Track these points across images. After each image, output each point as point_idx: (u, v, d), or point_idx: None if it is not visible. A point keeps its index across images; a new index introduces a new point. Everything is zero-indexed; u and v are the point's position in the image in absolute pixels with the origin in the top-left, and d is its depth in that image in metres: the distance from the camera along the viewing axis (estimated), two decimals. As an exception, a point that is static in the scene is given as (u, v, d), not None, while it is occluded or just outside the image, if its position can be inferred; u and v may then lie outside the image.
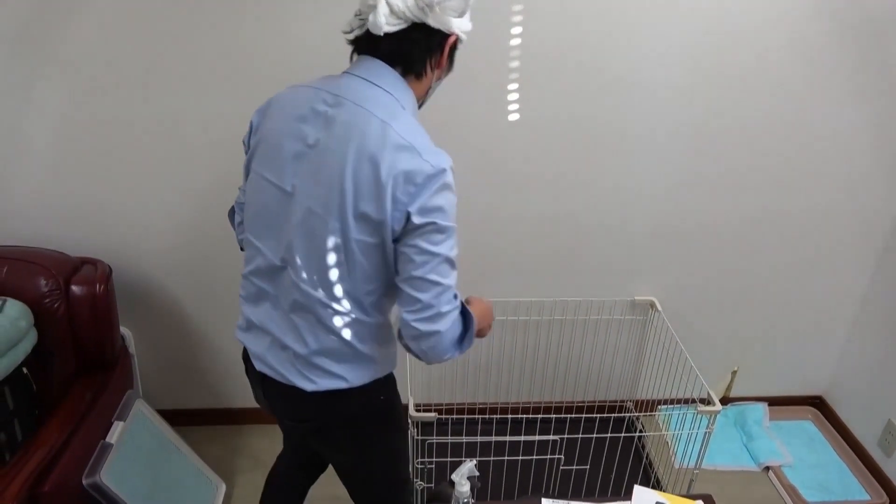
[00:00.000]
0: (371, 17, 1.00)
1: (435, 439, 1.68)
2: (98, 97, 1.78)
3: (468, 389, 2.33)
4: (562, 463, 1.77)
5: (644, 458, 2.18)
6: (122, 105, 1.79)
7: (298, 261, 1.08)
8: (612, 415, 2.24)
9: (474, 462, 1.07)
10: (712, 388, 1.85)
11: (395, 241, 1.03)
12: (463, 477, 1.06)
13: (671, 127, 1.95)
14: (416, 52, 1.07)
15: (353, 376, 1.17)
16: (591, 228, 2.10)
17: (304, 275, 1.08)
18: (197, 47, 1.74)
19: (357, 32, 1.07)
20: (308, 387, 1.15)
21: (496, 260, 2.13)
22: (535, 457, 1.73)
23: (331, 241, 1.04)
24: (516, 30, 1.77)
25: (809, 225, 2.15)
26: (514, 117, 1.89)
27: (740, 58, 1.85)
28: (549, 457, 1.75)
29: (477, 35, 1.77)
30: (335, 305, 1.10)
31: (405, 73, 1.08)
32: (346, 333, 1.13)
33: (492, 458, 1.06)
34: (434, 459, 1.74)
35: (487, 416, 2.00)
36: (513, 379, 2.32)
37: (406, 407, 1.99)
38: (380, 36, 1.02)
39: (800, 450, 2.33)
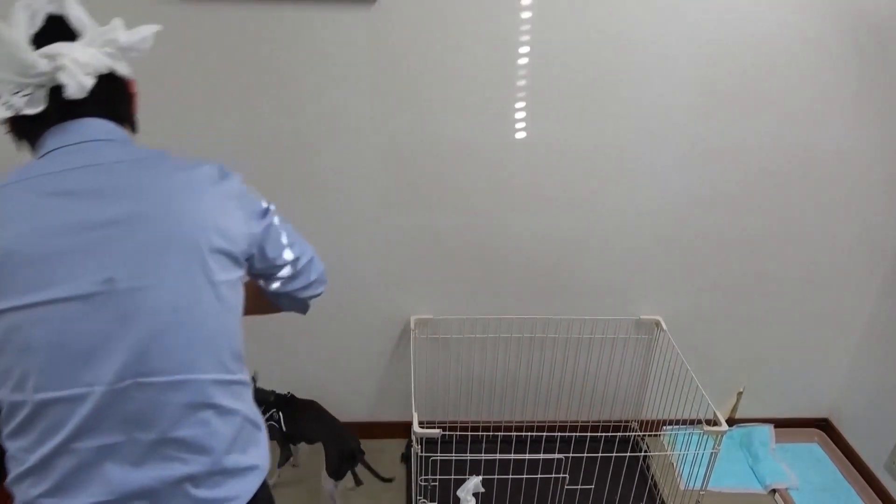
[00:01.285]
0: (65, 80, 0.87)
1: (439, 456, 1.67)
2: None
3: (471, 408, 2.32)
4: (566, 482, 1.76)
5: (649, 479, 2.16)
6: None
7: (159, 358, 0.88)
8: (617, 434, 2.23)
9: (480, 479, 1.07)
10: (718, 408, 1.84)
11: None
12: (469, 493, 1.06)
13: (677, 147, 1.96)
14: (121, 104, 0.98)
15: (262, 458, 1.03)
16: (597, 247, 2.10)
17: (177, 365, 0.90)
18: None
19: (30, 109, 0.87)
20: None
21: (501, 276, 2.13)
22: (539, 476, 1.72)
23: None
24: (524, 49, 1.80)
25: (815, 246, 2.15)
26: (520, 135, 1.91)
27: (748, 78, 1.87)
28: (553, 475, 1.73)
29: (485, 52, 1.80)
30: (227, 375, 0.96)
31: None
32: (245, 405, 1.00)
33: (496, 477, 1.05)
34: (438, 477, 1.73)
35: (492, 434, 1.99)
36: (517, 397, 2.31)
37: (410, 423, 1.99)
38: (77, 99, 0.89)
39: (806, 472, 2.31)
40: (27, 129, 0.91)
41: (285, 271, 1.13)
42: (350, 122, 1.87)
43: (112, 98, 0.95)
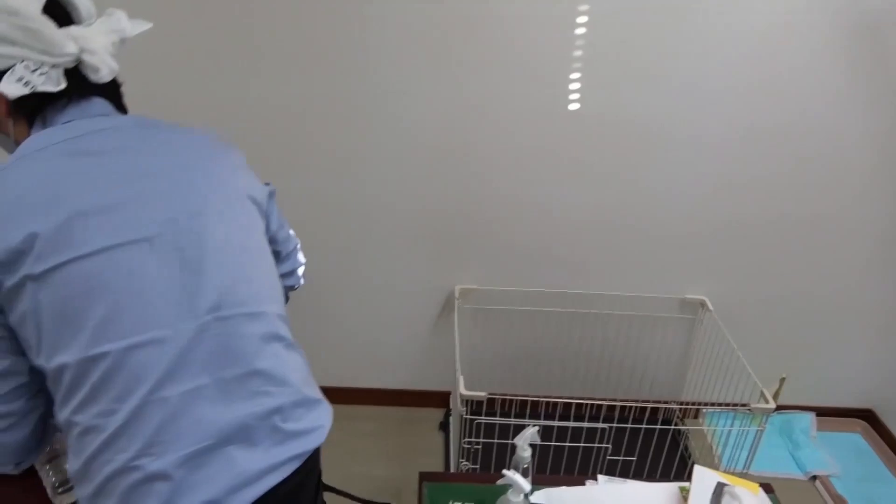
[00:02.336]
0: (98, 64, 0.90)
1: (483, 419, 1.68)
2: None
3: (509, 379, 2.33)
4: (609, 452, 1.76)
5: (689, 463, 2.15)
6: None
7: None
8: (658, 415, 2.22)
9: (538, 428, 1.08)
10: (758, 396, 1.82)
11: None
12: (526, 441, 1.07)
13: (728, 126, 1.93)
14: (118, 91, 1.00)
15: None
16: (645, 223, 2.09)
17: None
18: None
19: (50, 87, 0.88)
20: (317, 439, 0.98)
21: (547, 249, 2.13)
22: (582, 444, 1.73)
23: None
24: (581, 18, 1.79)
25: (864, 232, 2.11)
26: (574, 107, 1.90)
27: (807, 58, 1.83)
28: (596, 445, 1.74)
29: (541, 22, 1.80)
30: (284, 311, 1.00)
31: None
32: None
33: (539, 443, 1.06)
34: (481, 440, 1.75)
35: (535, 399, 1.99)
36: (556, 371, 2.31)
37: (448, 392, 1.99)
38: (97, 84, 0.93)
39: (848, 462, 2.27)
40: (34, 107, 0.89)
41: (283, 247, 1.17)
42: (401, 89, 1.88)
43: (114, 84, 0.98)
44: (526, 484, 1.00)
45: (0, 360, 0.85)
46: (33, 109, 0.89)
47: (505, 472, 1.02)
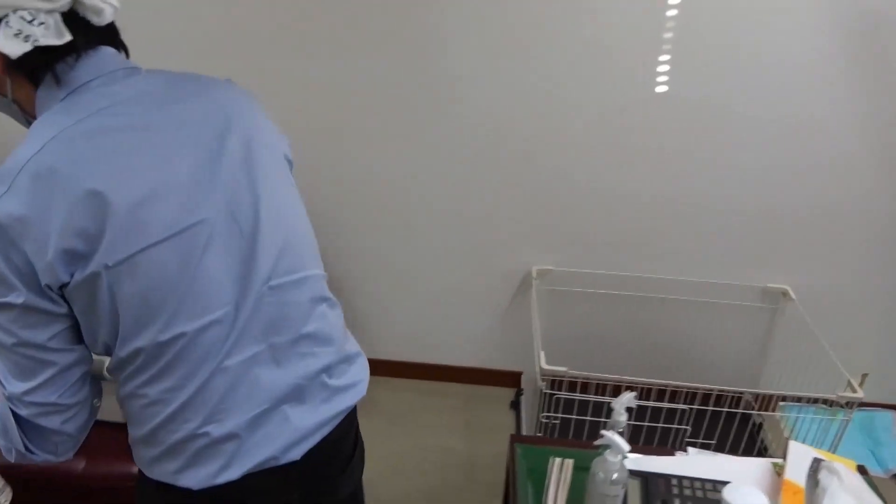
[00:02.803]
0: (100, 5, 0.81)
1: (563, 395, 1.71)
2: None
3: (582, 362, 2.33)
4: (688, 434, 1.76)
5: (765, 450, 2.12)
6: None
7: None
8: (742, 391, 2.19)
9: (634, 393, 1.10)
10: (841, 389, 1.78)
11: None
12: (622, 406, 1.09)
13: (812, 113, 1.89)
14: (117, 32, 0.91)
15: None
16: (727, 209, 2.07)
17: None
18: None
19: (55, 39, 0.78)
20: (359, 393, 1.02)
21: (623, 233, 2.14)
22: (662, 424, 1.73)
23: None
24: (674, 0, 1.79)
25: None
26: (661, 89, 1.90)
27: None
28: (675, 426, 1.74)
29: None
30: (323, 271, 1.02)
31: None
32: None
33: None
34: (560, 415, 1.78)
35: (614, 379, 2.00)
36: (627, 355, 2.31)
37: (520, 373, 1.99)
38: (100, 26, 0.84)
39: (932, 462, 2.20)
40: (36, 64, 0.79)
41: None
42: (483, 73, 1.92)
43: (113, 27, 0.88)
44: (625, 444, 1.03)
45: (68, 353, 0.84)
46: (35, 68, 0.80)
47: (604, 432, 1.04)
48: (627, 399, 1.10)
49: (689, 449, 1.24)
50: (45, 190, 0.75)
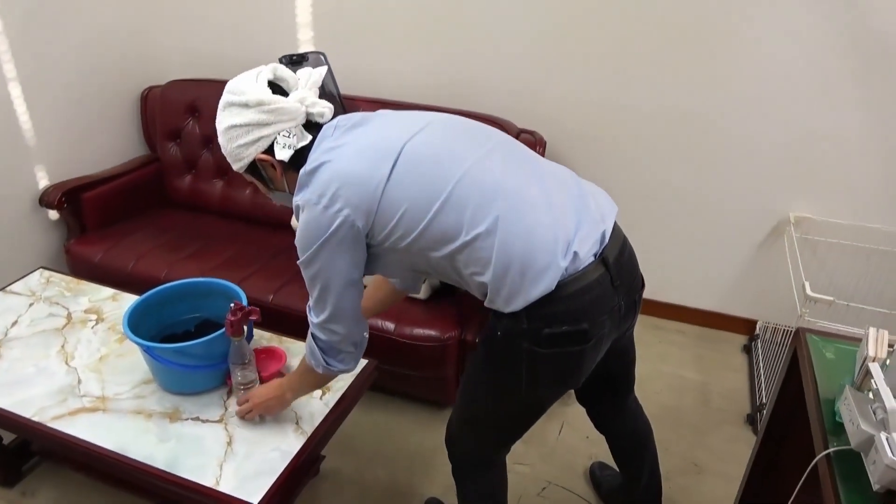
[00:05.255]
0: (321, 110, 1.20)
1: (827, 323, 1.78)
2: None
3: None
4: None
5: None
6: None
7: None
8: None
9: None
10: None
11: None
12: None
13: None
14: None
15: None
16: None
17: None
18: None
19: (302, 142, 1.19)
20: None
21: (885, 187, 2.12)
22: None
23: None
24: None
25: None
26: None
27: None
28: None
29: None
30: None
31: None
32: None
33: None
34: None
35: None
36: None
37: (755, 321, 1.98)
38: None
39: None
40: (294, 160, 1.18)
41: None
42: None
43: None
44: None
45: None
46: (293, 162, 1.18)
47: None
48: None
49: None
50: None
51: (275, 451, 1.39)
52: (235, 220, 2.52)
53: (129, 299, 1.76)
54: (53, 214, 2.40)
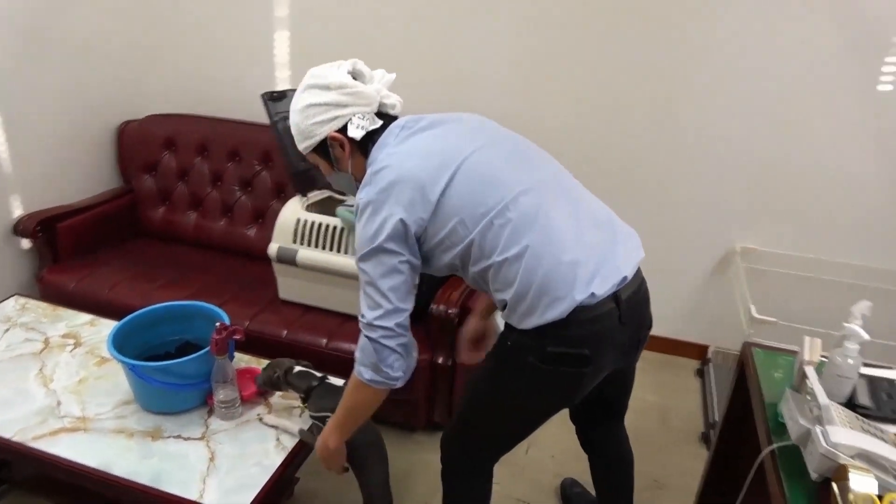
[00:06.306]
0: (394, 102, 1.33)
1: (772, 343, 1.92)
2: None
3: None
4: None
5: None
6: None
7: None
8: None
9: (870, 304, 1.33)
10: None
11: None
12: (860, 311, 1.33)
13: None
14: None
15: None
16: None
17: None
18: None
19: (374, 125, 1.29)
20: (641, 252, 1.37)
21: (834, 216, 2.29)
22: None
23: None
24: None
25: None
26: (885, 88, 2.09)
27: None
28: None
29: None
30: None
31: None
32: None
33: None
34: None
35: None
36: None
37: (706, 346, 2.06)
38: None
39: None
40: (362, 144, 1.28)
41: None
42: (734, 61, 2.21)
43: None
44: (864, 333, 1.27)
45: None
46: (361, 146, 1.29)
47: (845, 324, 1.29)
48: (865, 307, 1.33)
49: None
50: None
51: (256, 465, 1.44)
52: (209, 250, 2.57)
53: (108, 324, 1.80)
54: (26, 243, 2.41)
